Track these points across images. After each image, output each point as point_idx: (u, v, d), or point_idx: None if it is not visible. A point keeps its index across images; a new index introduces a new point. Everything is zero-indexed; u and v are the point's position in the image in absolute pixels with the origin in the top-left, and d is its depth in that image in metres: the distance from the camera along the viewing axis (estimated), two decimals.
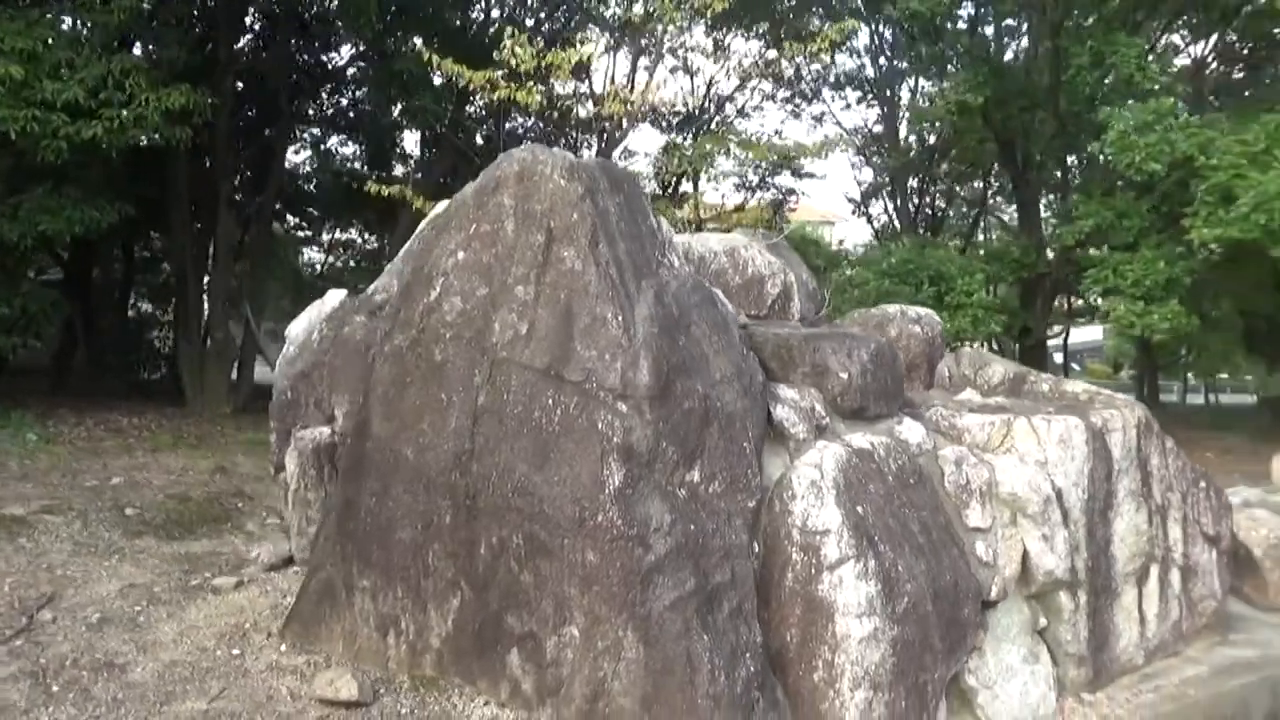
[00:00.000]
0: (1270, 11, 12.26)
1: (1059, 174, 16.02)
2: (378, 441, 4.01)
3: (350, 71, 15.33)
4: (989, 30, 15.74)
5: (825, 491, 3.82)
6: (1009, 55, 14.59)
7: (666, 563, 3.55)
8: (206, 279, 13.97)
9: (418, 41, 12.42)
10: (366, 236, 22.23)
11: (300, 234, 21.99)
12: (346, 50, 14.89)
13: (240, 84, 12.86)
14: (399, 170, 17.44)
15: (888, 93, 20.59)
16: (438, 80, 11.42)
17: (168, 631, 4.26)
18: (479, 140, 15.88)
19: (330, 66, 14.77)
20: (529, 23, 13.99)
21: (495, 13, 15.06)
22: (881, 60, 19.47)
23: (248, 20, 13.29)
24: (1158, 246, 11.85)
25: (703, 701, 3.45)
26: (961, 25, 14.64)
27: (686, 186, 16.79)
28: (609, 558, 3.52)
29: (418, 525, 3.88)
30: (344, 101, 16.43)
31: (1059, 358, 24.87)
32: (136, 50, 10.98)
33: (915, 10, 11.71)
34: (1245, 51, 15.03)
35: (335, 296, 5.92)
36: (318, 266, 23.06)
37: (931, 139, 18.74)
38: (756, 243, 5.05)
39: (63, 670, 3.82)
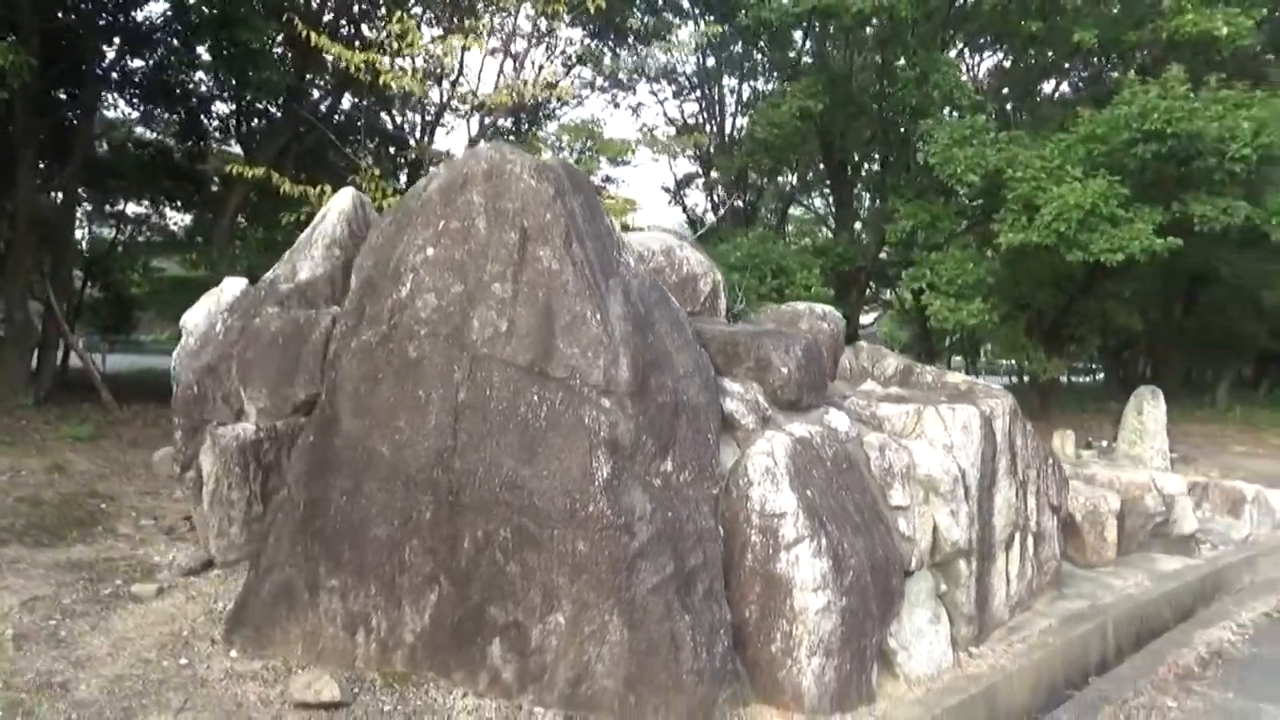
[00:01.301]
0: (1061, 43, 13.90)
1: (881, 177, 17.36)
2: (347, 439, 3.94)
3: (160, 35, 14.15)
4: (797, 35, 16.77)
5: (779, 477, 4.15)
6: (835, 64, 15.60)
7: (649, 548, 3.75)
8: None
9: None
10: (168, 212, 20.60)
11: (85, 206, 20.01)
12: (159, 10, 13.78)
13: (46, 43, 11.57)
14: (219, 144, 16.32)
15: (710, 90, 21.47)
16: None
17: (99, 645, 3.99)
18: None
19: (144, 29, 13.56)
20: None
21: None
22: (709, 59, 20.26)
23: None
24: (964, 248, 13.21)
25: (688, 677, 3.70)
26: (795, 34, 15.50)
27: None
28: (598, 546, 3.68)
29: (394, 522, 3.86)
30: (145, 65, 15.12)
31: None
32: None
33: (764, 18, 12.36)
34: (1036, 73, 16.88)
35: (235, 285, 5.68)
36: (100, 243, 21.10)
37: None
38: (688, 241, 5.31)
39: None
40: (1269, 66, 15.66)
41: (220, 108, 16.68)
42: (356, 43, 10.78)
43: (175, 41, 13.83)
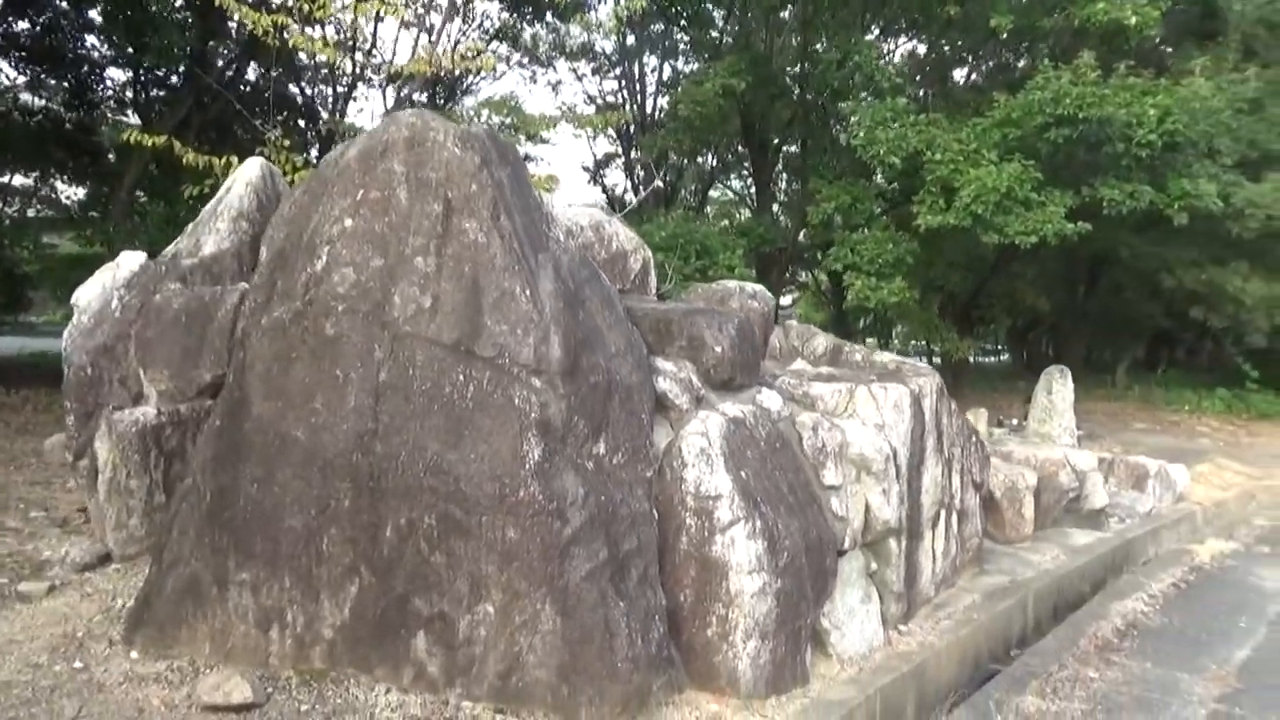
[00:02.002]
0: (977, 29, 14.14)
1: (801, 159, 17.45)
2: (259, 423, 3.68)
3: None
4: (718, 15, 16.75)
5: (714, 458, 4.06)
6: (757, 45, 15.59)
7: (582, 534, 3.61)
8: None
9: None
10: (59, 184, 19.43)
11: None
12: None
13: None
14: (115, 114, 15.43)
15: (631, 68, 21.29)
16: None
17: None
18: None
19: None
20: None
21: None
22: (629, 37, 20.03)
23: None
24: (884, 229, 13.39)
25: (622, 665, 3.58)
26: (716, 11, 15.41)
27: None
28: (529, 533, 3.53)
29: (311, 511, 3.63)
30: (32, 28, 14.13)
31: None
32: None
33: None
34: (951, 59, 17.18)
35: (132, 260, 5.31)
36: None
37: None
38: (617, 217, 5.15)
39: None
40: (1169, 58, 16.26)
41: (116, 74, 15.82)
42: (263, 7, 10.25)
43: (65, 3, 13.02)
